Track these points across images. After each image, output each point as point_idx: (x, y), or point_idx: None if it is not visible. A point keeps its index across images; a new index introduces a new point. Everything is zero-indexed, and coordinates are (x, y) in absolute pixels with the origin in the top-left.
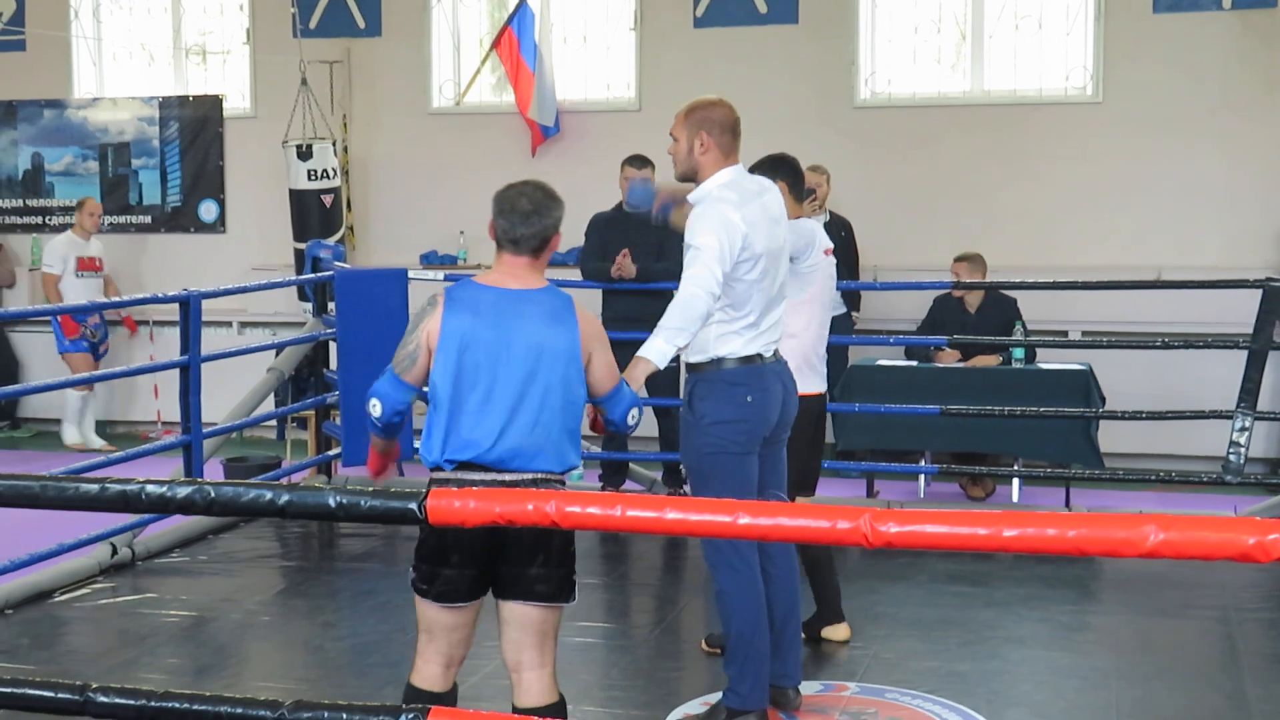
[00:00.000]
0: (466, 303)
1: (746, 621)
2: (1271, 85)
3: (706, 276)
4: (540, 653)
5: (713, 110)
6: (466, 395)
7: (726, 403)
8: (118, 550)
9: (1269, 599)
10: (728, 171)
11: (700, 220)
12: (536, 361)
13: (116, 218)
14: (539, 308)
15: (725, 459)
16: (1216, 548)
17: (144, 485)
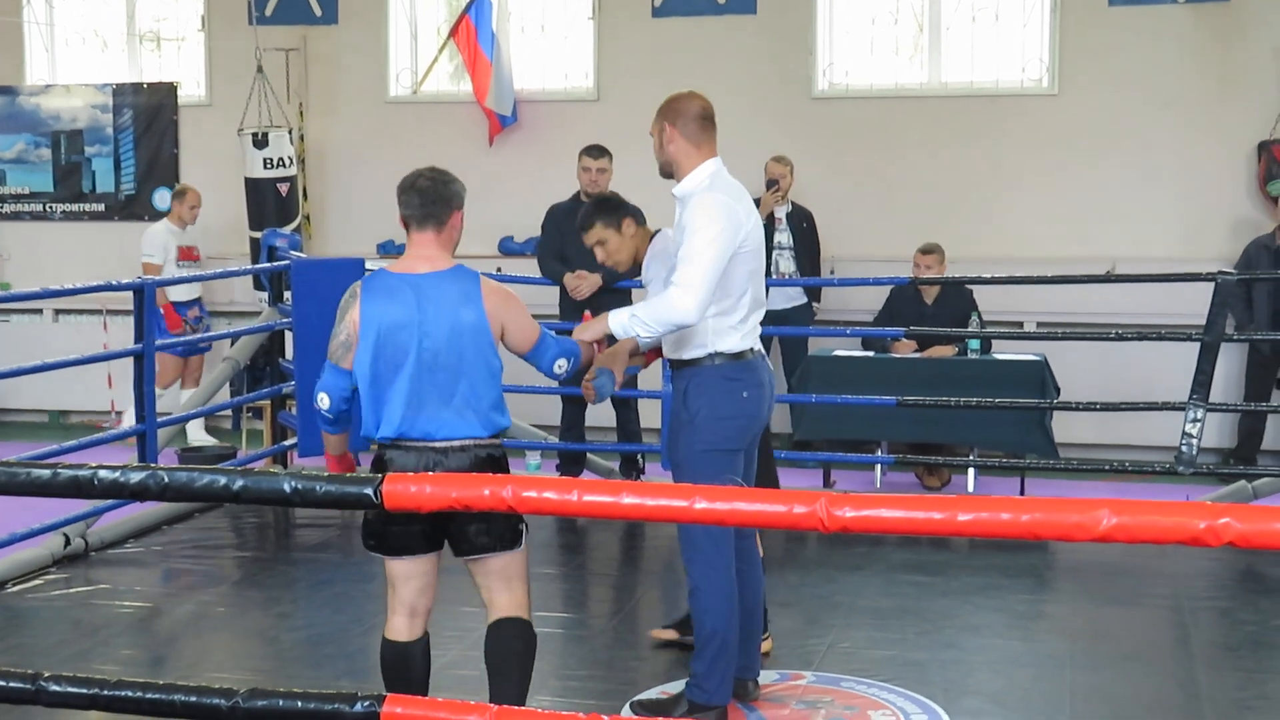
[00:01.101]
0: (381, 291)
1: (720, 619)
2: (1224, 79)
3: (695, 300)
4: (509, 593)
5: (678, 102)
6: (390, 377)
7: (723, 398)
8: (71, 540)
9: (1220, 587)
10: (710, 164)
11: (701, 211)
12: (452, 339)
13: (69, 205)
14: (449, 288)
15: (719, 456)
16: (1168, 532)
17: (97, 470)
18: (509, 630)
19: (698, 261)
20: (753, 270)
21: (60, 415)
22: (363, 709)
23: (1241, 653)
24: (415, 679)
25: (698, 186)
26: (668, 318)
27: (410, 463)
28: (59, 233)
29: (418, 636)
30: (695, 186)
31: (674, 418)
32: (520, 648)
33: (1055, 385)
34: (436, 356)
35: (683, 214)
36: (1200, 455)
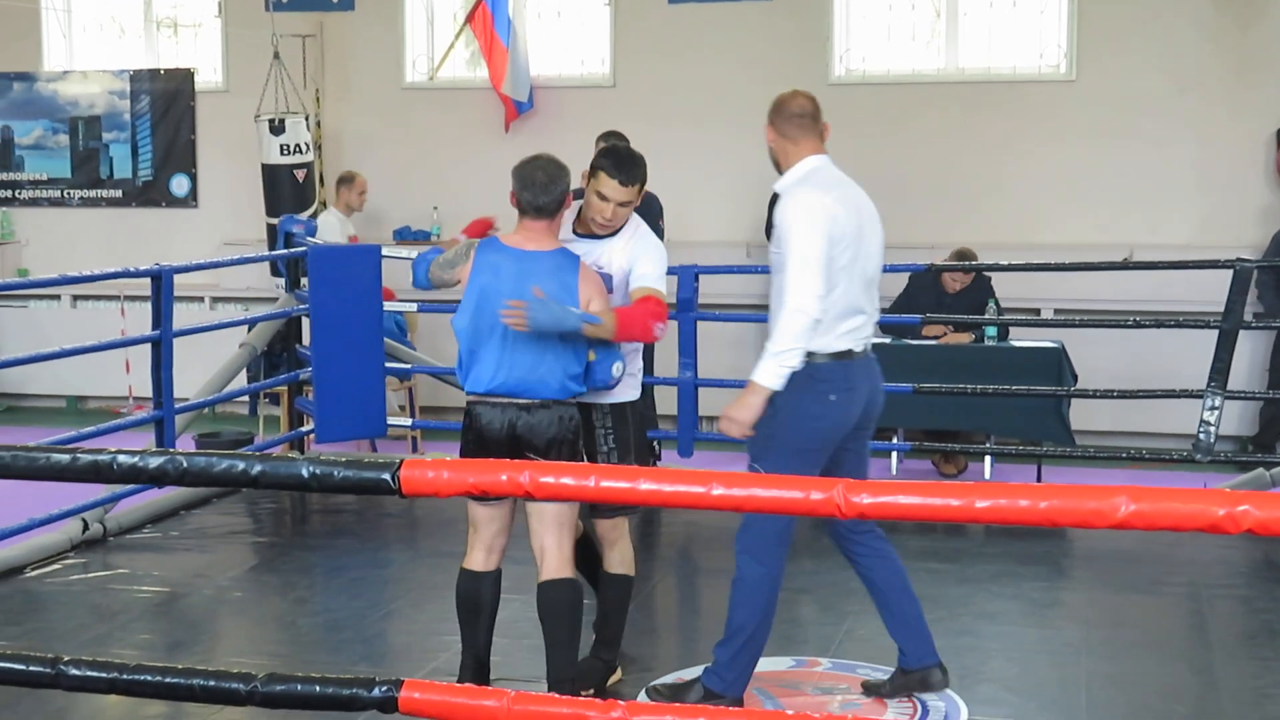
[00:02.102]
0: (489, 263)
1: (755, 614)
2: (1243, 65)
3: (806, 295)
4: (558, 539)
5: (779, 100)
6: (486, 337)
7: (809, 399)
8: (89, 526)
9: (1237, 575)
10: (809, 160)
11: (788, 208)
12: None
13: (87, 192)
14: (547, 266)
15: (796, 456)
16: (1187, 519)
17: (116, 455)
18: (557, 592)
19: (794, 256)
20: (845, 266)
21: (78, 401)
22: (380, 693)
23: (1259, 640)
24: (485, 605)
25: (789, 183)
26: (796, 328)
27: (495, 416)
28: (76, 219)
29: (491, 569)
30: (788, 183)
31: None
32: (564, 611)
33: (1072, 372)
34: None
35: (776, 212)
36: (1218, 443)
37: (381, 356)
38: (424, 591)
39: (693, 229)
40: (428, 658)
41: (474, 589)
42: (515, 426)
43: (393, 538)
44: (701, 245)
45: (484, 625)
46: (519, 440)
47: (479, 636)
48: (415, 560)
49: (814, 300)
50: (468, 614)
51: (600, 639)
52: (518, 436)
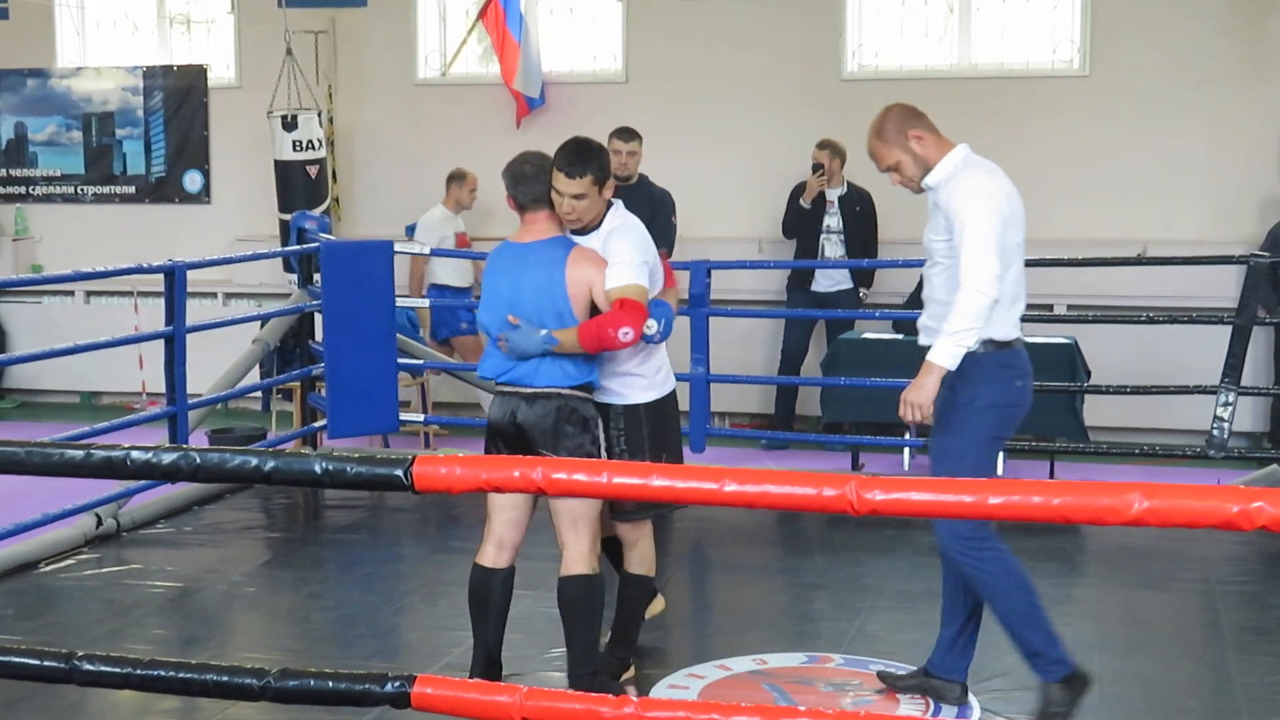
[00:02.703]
0: (492, 261)
1: (1012, 594)
2: (1256, 60)
3: (985, 275)
4: (575, 535)
5: (903, 110)
6: (490, 330)
7: (998, 386)
8: (103, 521)
9: (1251, 572)
10: (959, 148)
11: (960, 191)
12: (535, 298)
13: (100, 188)
14: (541, 255)
15: (992, 444)
16: (1200, 515)
17: (129, 451)
18: (573, 588)
19: (972, 238)
20: (1016, 246)
21: (91, 396)
22: (393, 689)
23: (1273, 637)
24: (494, 603)
25: (950, 171)
26: (976, 308)
27: (499, 407)
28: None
29: (501, 566)
30: (948, 171)
31: (943, 403)
32: (580, 606)
33: (1085, 368)
34: (523, 309)
35: (941, 200)
36: (1231, 439)
37: (394, 352)
38: (437, 587)
39: (705, 224)
40: (441, 653)
41: (483, 585)
42: (516, 416)
43: (405, 533)
44: (714, 241)
45: (494, 621)
46: (520, 429)
47: (489, 632)
48: (428, 555)
49: (993, 280)
50: (478, 609)
51: (615, 637)
52: (519, 425)
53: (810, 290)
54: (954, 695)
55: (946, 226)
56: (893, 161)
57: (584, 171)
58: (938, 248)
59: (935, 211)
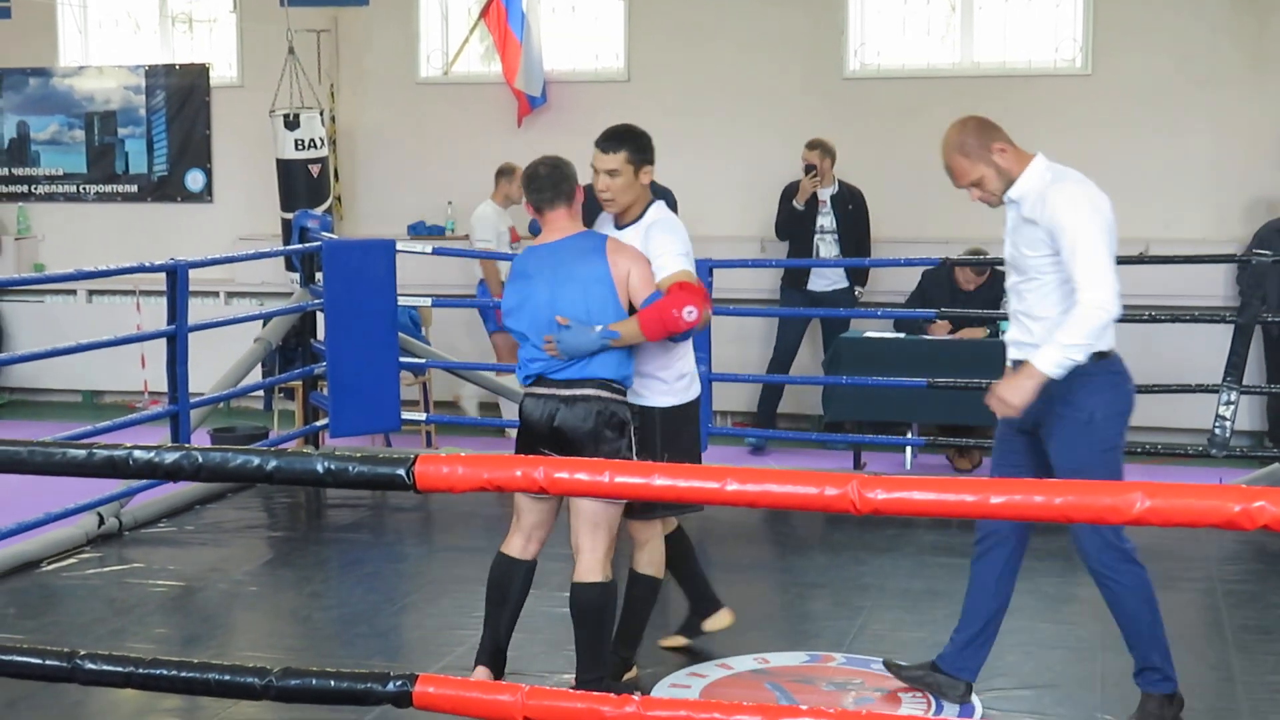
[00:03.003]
0: (521, 266)
1: (1145, 607)
2: (1259, 59)
3: (1107, 290)
4: (592, 539)
5: (974, 126)
6: (529, 335)
7: (1112, 395)
8: (105, 520)
9: (1252, 571)
10: (1040, 157)
11: (1062, 204)
12: (577, 292)
13: (102, 187)
14: (572, 251)
15: (1116, 454)
16: (1203, 515)
17: (131, 451)
18: (584, 594)
19: (1087, 252)
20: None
21: (94, 395)
22: (395, 688)
23: (1275, 636)
24: (513, 594)
25: (1041, 180)
26: (1095, 324)
27: (536, 409)
28: (92, 214)
29: (526, 558)
30: (1039, 181)
31: (1063, 421)
32: (591, 613)
33: None
34: (569, 298)
35: (1035, 214)
36: (1233, 438)
37: (396, 351)
38: (439, 586)
39: (706, 223)
40: (443, 652)
41: (507, 574)
42: (554, 418)
43: (408, 532)
44: (715, 239)
45: (509, 611)
46: (558, 432)
47: (502, 622)
48: (430, 554)
49: (1115, 297)
50: (495, 597)
51: (620, 636)
52: (556, 428)
53: (806, 290)
54: (957, 693)
55: (1045, 241)
56: (976, 177)
57: (618, 148)
58: (1033, 263)
59: (1024, 225)
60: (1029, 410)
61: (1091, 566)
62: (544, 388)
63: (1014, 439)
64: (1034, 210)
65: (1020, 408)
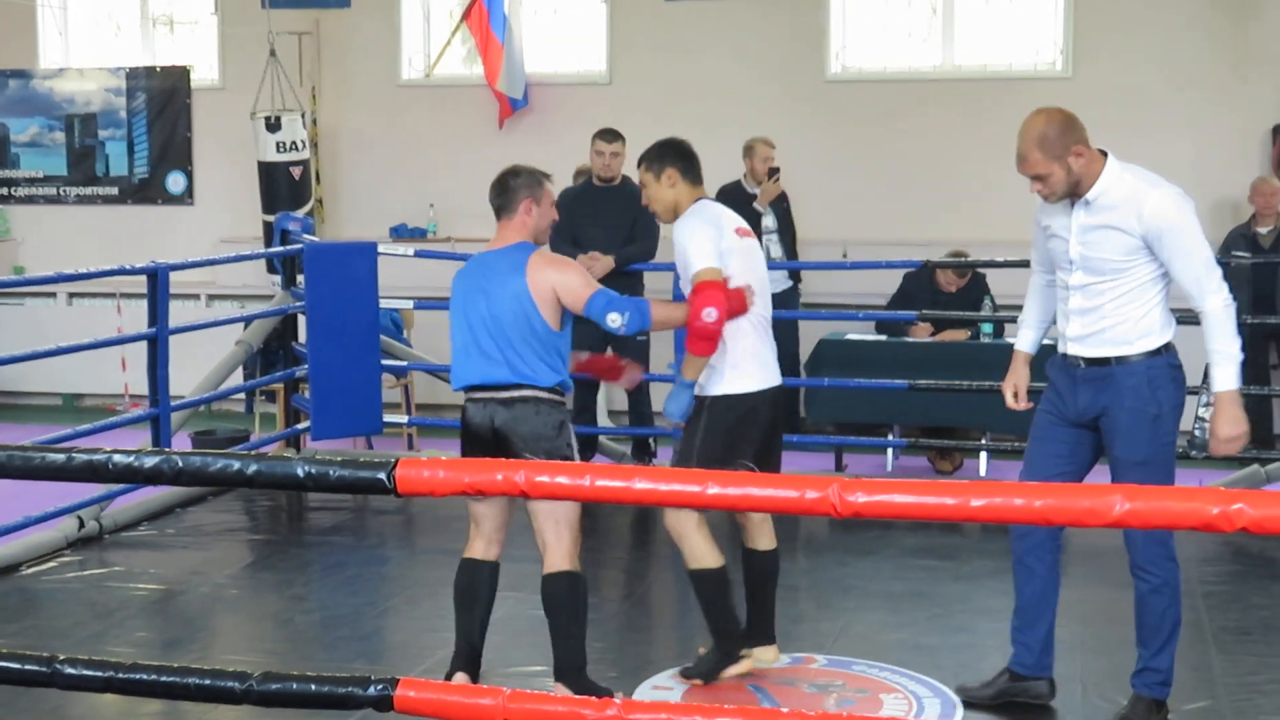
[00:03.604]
0: (460, 273)
1: (1174, 609)
2: (1240, 61)
3: (1226, 288)
4: (556, 534)
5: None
6: (458, 338)
7: (1178, 389)
8: (85, 523)
9: (1232, 572)
10: (1113, 159)
11: (1159, 206)
12: (504, 303)
13: (83, 189)
14: (502, 262)
15: (1174, 449)
16: (1181, 517)
17: (111, 455)
18: (555, 585)
19: (1198, 253)
20: None
21: (74, 399)
22: (376, 692)
23: (1255, 637)
24: (481, 594)
25: (1121, 183)
26: (1234, 321)
27: (478, 413)
28: (73, 216)
29: (490, 559)
30: (1119, 184)
31: (1134, 415)
32: (561, 600)
33: None
34: (493, 317)
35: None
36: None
37: (378, 353)
38: (420, 589)
39: None
40: (425, 654)
41: (472, 578)
42: (494, 420)
43: (389, 535)
44: None
45: (479, 614)
46: (499, 434)
47: (474, 625)
48: (412, 558)
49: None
50: (464, 601)
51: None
52: (498, 430)
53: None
54: (1044, 692)
55: (1135, 246)
56: (1045, 172)
57: (640, 161)
58: (1114, 265)
59: (1102, 227)
60: (1087, 402)
61: (1136, 559)
62: (484, 393)
63: (1060, 429)
64: (1123, 216)
65: (1242, 441)
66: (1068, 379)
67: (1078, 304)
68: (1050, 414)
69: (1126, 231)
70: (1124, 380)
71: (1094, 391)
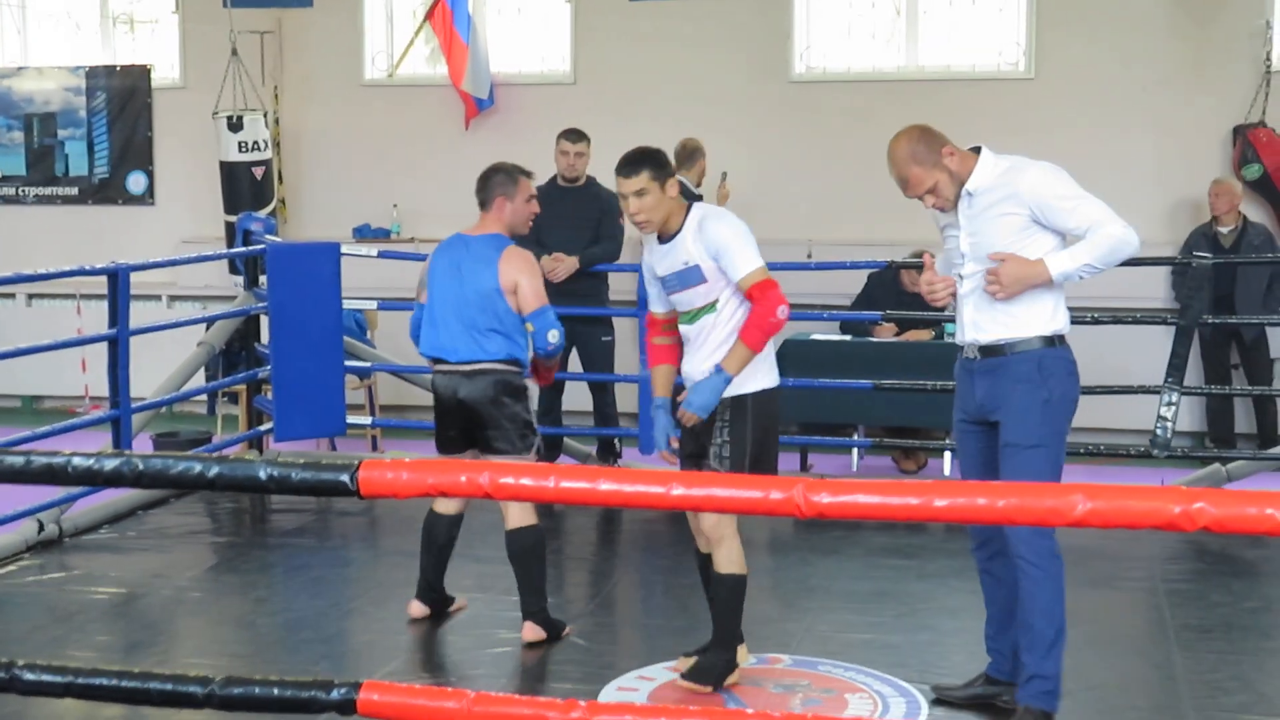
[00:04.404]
0: (445, 245)
1: (1058, 613)
2: (1201, 61)
3: (1132, 230)
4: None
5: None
6: (429, 308)
7: (1070, 384)
8: (45, 527)
9: (1194, 571)
10: (985, 150)
11: (1037, 178)
12: (474, 284)
13: (42, 189)
14: (477, 248)
15: (1063, 442)
16: (1143, 517)
17: (71, 458)
18: (515, 539)
19: (1085, 201)
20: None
21: (33, 400)
22: (339, 695)
23: (1216, 634)
24: (439, 538)
25: (996, 169)
26: (1118, 250)
27: (443, 382)
28: (32, 216)
29: (453, 512)
30: (994, 171)
31: (1018, 397)
32: (524, 552)
33: None
34: (462, 299)
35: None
36: (1175, 438)
37: (341, 355)
38: (384, 590)
39: None
40: (389, 657)
41: (435, 524)
42: (458, 392)
43: (353, 537)
44: None
45: (437, 554)
46: (463, 404)
47: (432, 564)
48: (375, 559)
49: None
50: (426, 541)
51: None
52: (460, 400)
53: None
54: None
55: (1022, 222)
56: (931, 184)
57: (638, 169)
58: (1007, 248)
59: (988, 214)
60: (984, 394)
61: (1019, 550)
62: (447, 366)
63: (969, 433)
64: (1001, 195)
65: (1014, 286)
66: (966, 376)
67: (970, 290)
68: (962, 421)
69: (1012, 213)
70: (1016, 367)
71: (989, 383)
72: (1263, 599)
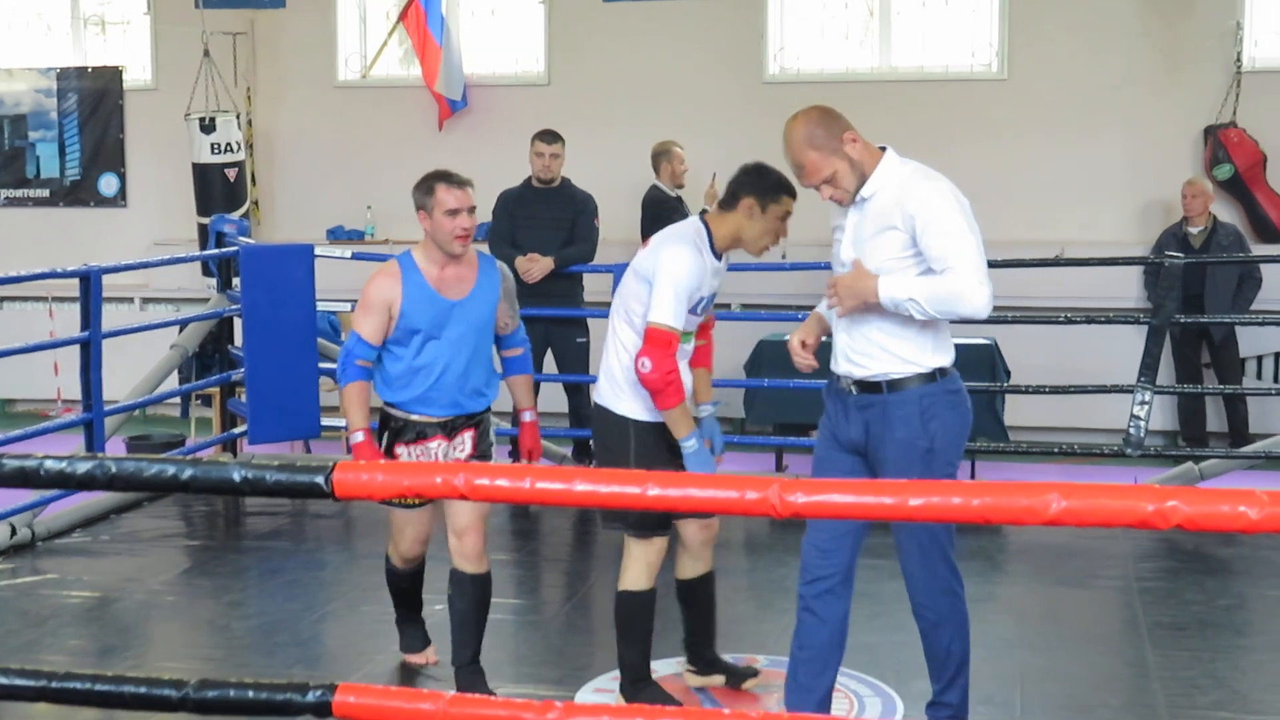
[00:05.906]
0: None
1: (968, 641)
2: (1172, 62)
3: (989, 294)
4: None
5: (819, 117)
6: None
7: (956, 416)
8: (17, 531)
9: (1167, 569)
10: (892, 152)
11: (926, 197)
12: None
13: (13, 191)
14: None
15: (953, 475)
16: (1117, 515)
17: (43, 460)
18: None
19: (970, 249)
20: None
21: (6, 404)
22: (315, 698)
23: (1189, 632)
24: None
25: (894, 178)
26: (958, 306)
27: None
28: (2, 219)
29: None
30: (892, 179)
31: (896, 448)
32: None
33: (1005, 368)
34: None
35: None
36: (1148, 437)
37: (315, 357)
38: (360, 593)
39: (628, 228)
40: (364, 659)
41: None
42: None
43: (328, 540)
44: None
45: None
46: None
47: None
48: (350, 562)
49: (990, 298)
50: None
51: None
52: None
53: None
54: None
55: (904, 241)
56: (829, 173)
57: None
58: (885, 267)
59: (873, 225)
60: (859, 431)
61: (914, 598)
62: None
63: (838, 456)
64: (891, 206)
65: (854, 299)
66: (840, 405)
67: (846, 315)
68: (827, 440)
69: (896, 228)
70: (894, 410)
71: (864, 420)
72: (1236, 596)
